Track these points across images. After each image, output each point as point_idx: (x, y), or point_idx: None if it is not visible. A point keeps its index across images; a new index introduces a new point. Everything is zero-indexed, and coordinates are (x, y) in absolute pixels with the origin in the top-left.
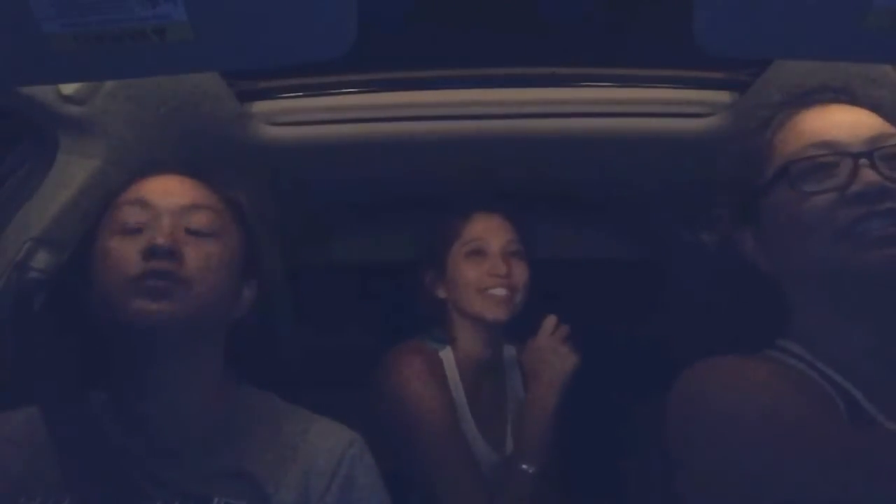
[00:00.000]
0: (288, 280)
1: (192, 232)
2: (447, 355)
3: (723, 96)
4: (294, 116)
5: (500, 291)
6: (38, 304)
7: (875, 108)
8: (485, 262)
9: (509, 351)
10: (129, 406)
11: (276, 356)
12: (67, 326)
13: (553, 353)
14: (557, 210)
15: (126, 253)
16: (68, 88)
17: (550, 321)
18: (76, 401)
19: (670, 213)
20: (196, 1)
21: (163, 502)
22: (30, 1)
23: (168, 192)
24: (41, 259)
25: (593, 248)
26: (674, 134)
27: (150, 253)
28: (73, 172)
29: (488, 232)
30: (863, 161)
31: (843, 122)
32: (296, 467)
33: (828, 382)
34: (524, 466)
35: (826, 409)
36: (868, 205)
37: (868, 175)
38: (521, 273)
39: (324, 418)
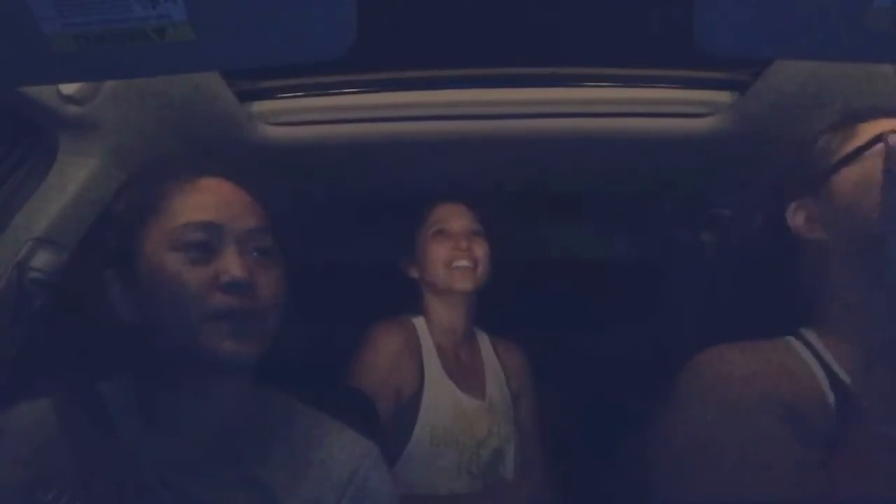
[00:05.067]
0: (287, 280)
1: (260, 256)
2: (420, 322)
3: (723, 96)
4: (294, 116)
5: (464, 263)
6: (38, 304)
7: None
8: (449, 241)
9: (483, 337)
10: (148, 408)
11: (277, 355)
12: (83, 325)
13: None
14: (557, 210)
15: (196, 280)
16: (68, 88)
17: None
18: (88, 400)
19: (670, 213)
20: (196, 1)
21: None
22: (30, 1)
23: (232, 209)
24: (41, 259)
25: (593, 248)
26: (674, 134)
27: (230, 287)
28: (73, 172)
29: (450, 215)
30: None
31: None
32: (310, 477)
33: (829, 377)
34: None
35: (815, 406)
36: None
37: None
38: (481, 249)
39: (342, 425)
